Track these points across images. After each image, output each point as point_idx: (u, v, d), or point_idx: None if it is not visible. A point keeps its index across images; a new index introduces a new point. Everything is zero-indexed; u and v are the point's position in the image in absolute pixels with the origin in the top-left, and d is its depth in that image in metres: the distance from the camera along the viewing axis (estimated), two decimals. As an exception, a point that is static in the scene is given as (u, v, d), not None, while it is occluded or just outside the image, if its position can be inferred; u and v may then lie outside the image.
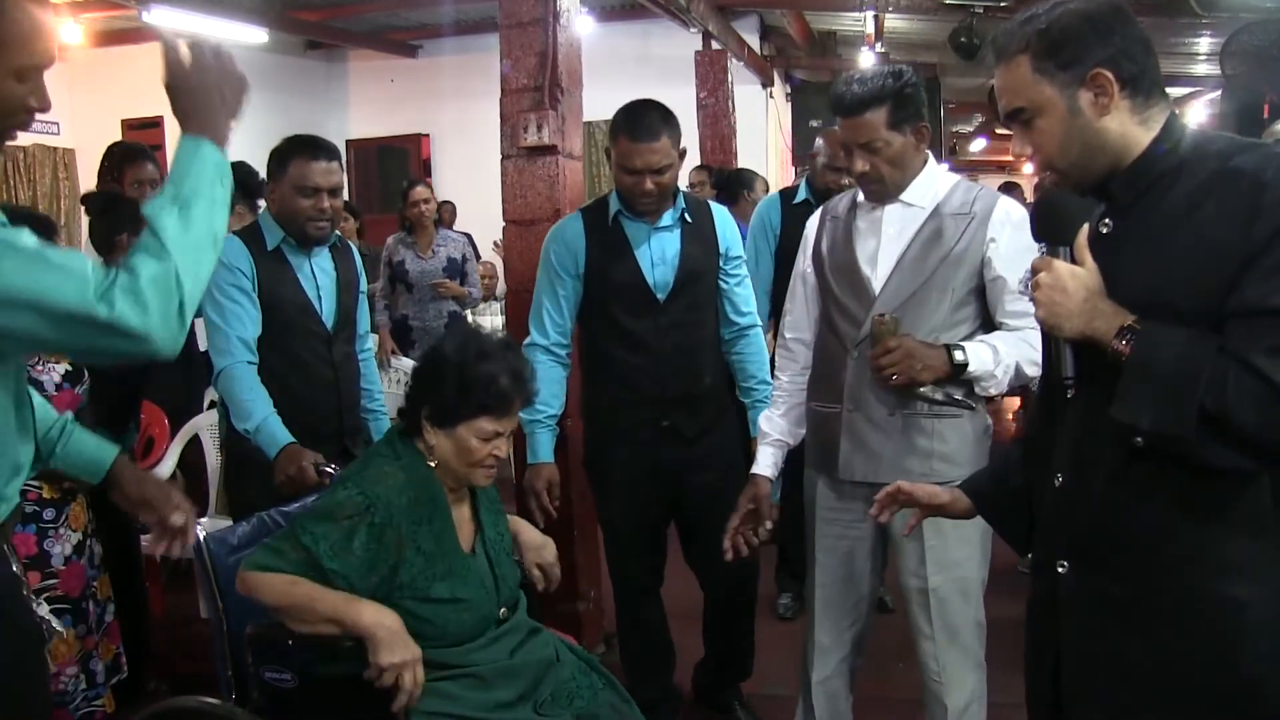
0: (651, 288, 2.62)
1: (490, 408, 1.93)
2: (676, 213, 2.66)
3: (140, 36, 8.50)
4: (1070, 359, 1.38)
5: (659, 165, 2.52)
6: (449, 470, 1.97)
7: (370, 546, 1.84)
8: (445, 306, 5.12)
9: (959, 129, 15.14)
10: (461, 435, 1.93)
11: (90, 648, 2.51)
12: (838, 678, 2.31)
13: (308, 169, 2.56)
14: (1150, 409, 1.25)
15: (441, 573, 1.91)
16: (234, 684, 2.01)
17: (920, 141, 2.14)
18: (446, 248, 5.16)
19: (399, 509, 1.88)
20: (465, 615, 1.92)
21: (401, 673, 1.77)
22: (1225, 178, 1.28)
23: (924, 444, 2.12)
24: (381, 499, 1.86)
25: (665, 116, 2.56)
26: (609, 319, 2.66)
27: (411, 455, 1.97)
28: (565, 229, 2.72)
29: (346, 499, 1.87)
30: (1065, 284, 1.35)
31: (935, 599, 2.14)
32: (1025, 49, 1.37)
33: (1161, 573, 1.34)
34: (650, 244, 2.64)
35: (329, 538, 1.83)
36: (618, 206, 2.65)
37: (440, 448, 1.96)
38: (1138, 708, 1.38)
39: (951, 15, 6.73)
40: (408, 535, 1.88)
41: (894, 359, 2.03)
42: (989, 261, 2.10)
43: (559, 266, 2.68)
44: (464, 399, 1.92)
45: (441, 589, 1.90)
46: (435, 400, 1.95)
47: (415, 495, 1.92)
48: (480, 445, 1.94)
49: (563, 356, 2.73)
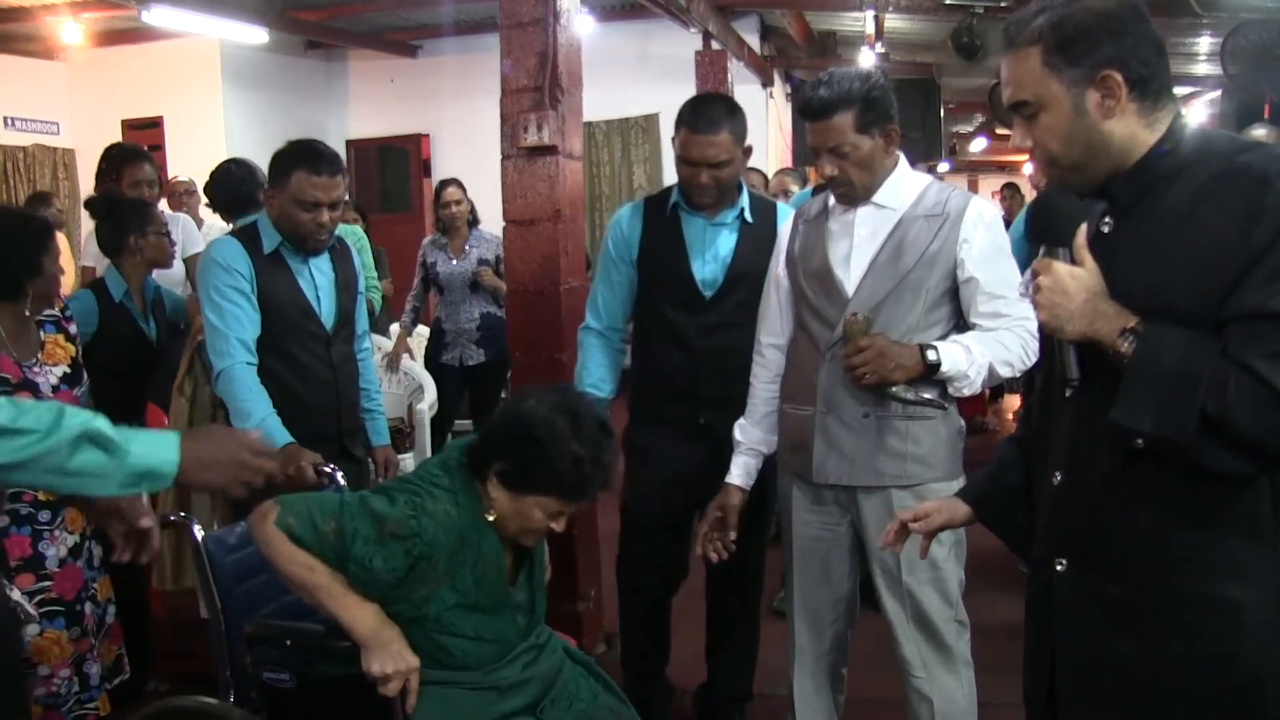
0: (699, 284, 2.60)
1: (567, 491, 1.86)
2: (737, 211, 2.62)
3: (140, 36, 8.51)
4: (1074, 360, 1.37)
5: (716, 159, 2.48)
6: (501, 526, 1.89)
7: (399, 572, 1.79)
8: (478, 309, 4.96)
9: (959, 129, 15.12)
10: (527, 504, 1.85)
11: (84, 650, 2.49)
12: (817, 678, 2.33)
13: (309, 183, 2.54)
14: (1151, 412, 1.25)
15: (472, 611, 1.86)
16: (233, 684, 2.01)
17: (889, 144, 2.12)
18: (479, 248, 5.01)
19: (442, 548, 1.81)
20: (486, 649, 1.89)
21: (391, 683, 1.76)
22: (1228, 177, 1.27)
23: (897, 446, 2.12)
24: (429, 534, 1.80)
25: (731, 110, 2.53)
26: (656, 311, 2.65)
27: (470, 500, 1.88)
28: (624, 216, 2.72)
29: (400, 517, 1.80)
30: (1066, 285, 1.34)
31: (912, 599, 2.14)
32: (1037, 41, 1.35)
33: (1158, 573, 1.34)
34: (705, 240, 2.61)
35: (367, 542, 1.78)
36: (677, 198, 2.63)
37: (500, 504, 1.87)
38: (1133, 707, 1.38)
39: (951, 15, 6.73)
40: (445, 571, 1.83)
41: (866, 358, 2.03)
42: (961, 262, 2.09)
43: (614, 252, 2.68)
44: (543, 475, 1.84)
45: (467, 626, 1.86)
46: (513, 463, 1.85)
47: (465, 537, 1.85)
48: (542, 518, 1.87)
49: (615, 341, 2.73)
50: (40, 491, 2.38)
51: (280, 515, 1.80)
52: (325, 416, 2.66)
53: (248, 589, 2.09)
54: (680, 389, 2.61)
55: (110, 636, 2.63)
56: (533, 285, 3.31)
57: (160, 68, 8.78)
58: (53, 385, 2.43)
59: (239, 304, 2.54)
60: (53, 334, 2.51)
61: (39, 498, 2.41)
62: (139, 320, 3.07)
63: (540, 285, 3.29)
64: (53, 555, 2.44)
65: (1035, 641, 1.53)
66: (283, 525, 1.79)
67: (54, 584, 2.43)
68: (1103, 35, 1.32)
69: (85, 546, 2.53)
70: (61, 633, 2.43)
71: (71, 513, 2.47)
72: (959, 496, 1.73)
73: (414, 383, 5.08)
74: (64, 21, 7.79)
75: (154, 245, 3.11)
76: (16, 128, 8.82)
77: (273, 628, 1.95)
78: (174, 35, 8.09)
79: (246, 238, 2.63)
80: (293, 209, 2.57)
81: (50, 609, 2.41)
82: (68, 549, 2.47)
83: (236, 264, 2.55)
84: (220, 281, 2.54)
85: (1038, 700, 1.52)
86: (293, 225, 2.59)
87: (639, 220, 2.67)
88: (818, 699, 2.33)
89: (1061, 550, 1.44)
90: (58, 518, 2.45)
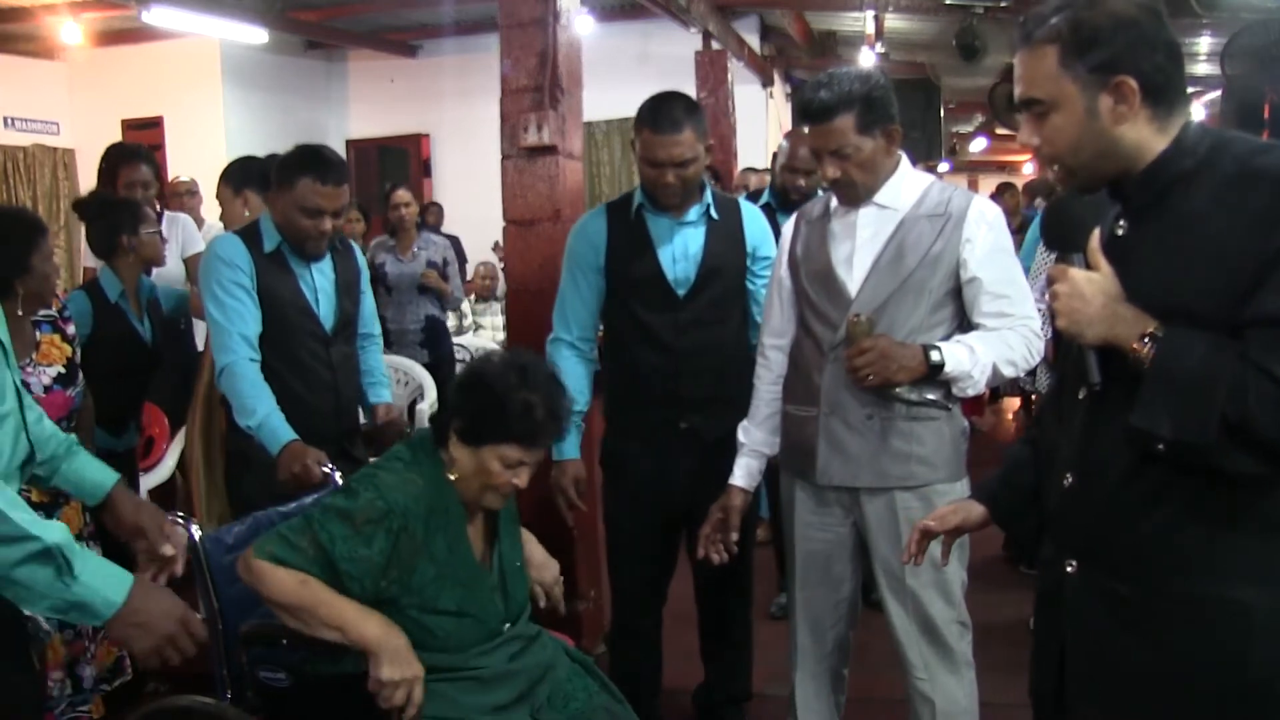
0: (671, 283, 2.58)
1: (521, 436, 1.90)
2: (702, 208, 2.62)
3: (140, 36, 8.52)
4: (1095, 364, 1.36)
5: (681, 158, 2.47)
6: (464, 486, 1.94)
7: (387, 552, 1.82)
8: (423, 310, 5.11)
9: (959, 129, 15.13)
10: (486, 456, 1.90)
11: (78, 653, 2.47)
12: (819, 680, 2.32)
13: (315, 191, 2.54)
14: (1172, 417, 1.24)
15: (451, 584, 1.89)
16: (230, 683, 2.01)
17: (891, 144, 2.11)
18: (427, 251, 5.16)
19: (415, 516, 1.86)
20: (469, 627, 1.91)
21: (398, 691, 1.75)
22: (1245, 180, 1.26)
23: (901, 447, 2.11)
24: (400, 505, 1.84)
25: (689, 108, 2.51)
26: (629, 315, 2.63)
27: (432, 464, 1.94)
28: (588, 223, 2.70)
29: (366, 503, 1.84)
30: (1083, 291, 1.33)
31: (914, 600, 2.13)
32: (1054, 40, 1.32)
33: (1169, 574, 1.33)
34: (673, 239, 2.60)
35: (346, 539, 1.81)
36: (641, 200, 2.62)
37: (462, 463, 1.92)
38: (1142, 708, 1.37)
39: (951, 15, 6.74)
40: (422, 543, 1.86)
41: (869, 359, 2.02)
42: (965, 262, 2.09)
43: (580, 261, 2.65)
44: (497, 422, 1.89)
45: (449, 600, 1.88)
46: (468, 416, 1.91)
47: (432, 504, 1.89)
48: (501, 470, 1.90)
49: (587, 352, 2.70)
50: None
51: (257, 549, 1.84)
52: (323, 417, 2.65)
53: (243, 588, 2.08)
54: (659, 392, 2.59)
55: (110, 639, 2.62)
56: (533, 285, 3.30)
57: (160, 68, 8.79)
58: (45, 385, 2.42)
59: (241, 299, 2.54)
60: (48, 334, 2.50)
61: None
62: (134, 321, 3.06)
63: (540, 285, 3.28)
64: None
65: (1043, 642, 1.53)
66: (264, 555, 1.82)
67: None
68: (1121, 40, 1.30)
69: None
70: (55, 635, 2.41)
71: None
72: (973, 497, 1.73)
73: (415, 383, 5.09)
74: (64, 21, 7.80)
75: (147, 244, 3.09)
76: (16, 128, 8.83)
77: (268, 627, 1.95)
78: (174, 35, 8.10)
79: (248, 235, 2.63)
80: (295, 214, 2.56)
81: None
82: None
83: (238, 259, 2.55)
84: (223, 276, 2.54)
85: (1045, 700, 1.51)
86: (294, 230, 2.59)
87: (603, 225, 2.65)
88: (819, 701, 2.33)
89: (1071, 551, 1.43)
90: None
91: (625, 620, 2.83)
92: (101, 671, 2.54)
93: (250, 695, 1.96)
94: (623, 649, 2.87)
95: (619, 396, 2.72)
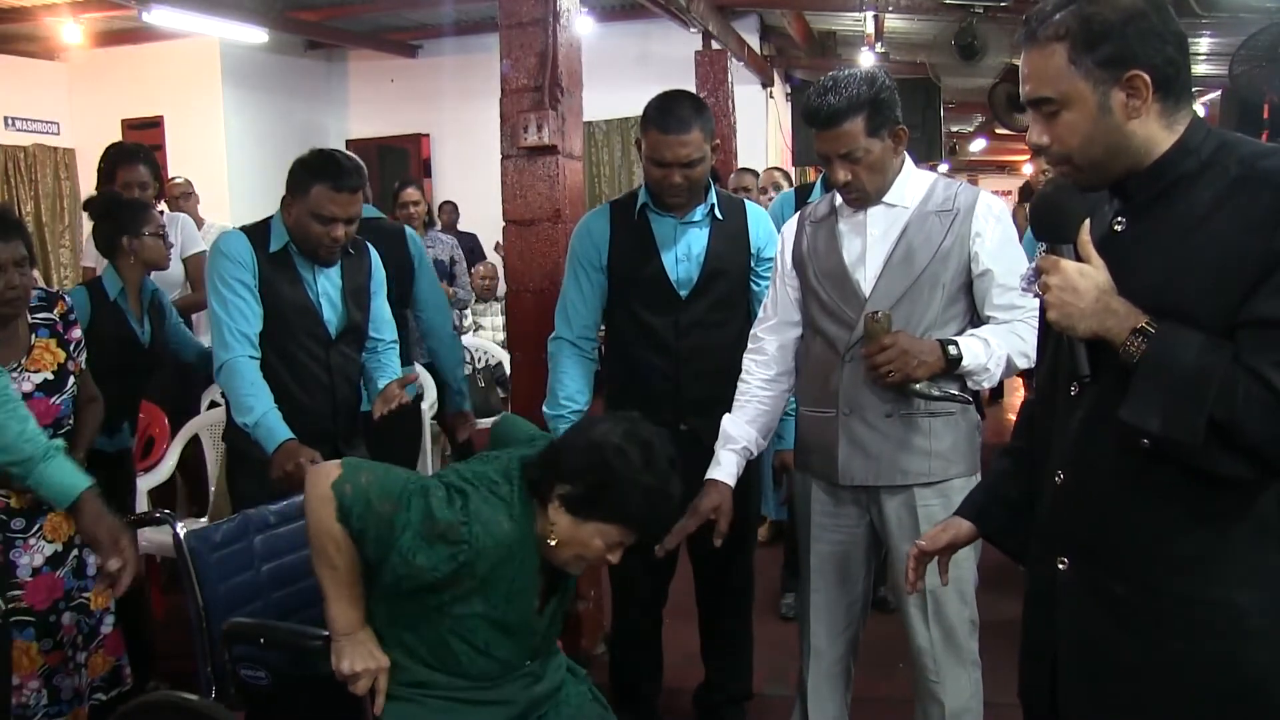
0: (674, 284, 2.57)
1: (633, 521, 1.81)
2: (707, 208, 2.60)
3: (140, 36, 8.52)
4: (1085, 357, 1.35)
5: (689, 158, 2.46)
6: (554, 551, 1.84)
7: (438, 571, 1.74)
8: None
9: (959, 129, 15.12)
10: (589, 531, 1.80)
11: (56, 663, 2.40)
12: (833, 680, 2.31)
13: (329, 199, 2.52)
14: (1160, 413, 1.23)
15: (495, 628, 1.82)
16: (214, 681, 2.01)
17: (898, 144, 2.11)
18: (435, 249, 5.12)
19: (486, 559, 1.76)
20: (493, 665, 1.86)
21: (360, 681, 1.76)
22: (1249, 182, 1.25)
23: (921, 443, 2.11)
24: (479, 543, 1.74)
25: (697, 108, 2.50)
26: (630, 314, 2.62)
27: (527, 517, 1.82)
28: (591, 222, 2.68)
29: (453, 522, 1.73)
30: (1075, 283, 1.32)
31: (933, 600, 2.13)
32: (1062, 37, 1.30)
33: (1162, 574, 1.33)
34: (676, 239, 2.58)
35: (416, 534, 1.73)
36: (645, 199, 2.60)
37: (560, 529, 1.81)
38: (1135, 707, 1.37)
39: (951, 15, 6.74)
40: (479, 584, 1.78)
41: (889, 356, 2.02)
42: (976, 256, 2.09)
43: (583, 259, 2.64)
44: (614, 503, 1.78)
45: (484, 638, 1.82)
46: (581, 488, 1.79)
47: (510, 553, 1.79)
48: (601, 548, 1.82)
49: (588, 351, 2.68)
50: (14, 499, 2.33)
51: (339, 480, 1.75)
52: (319, 417, 2.65)
53: (231, 586, 2.08)
54: (661, 393, 2.58)
55: (107, 647, 2.54)
56: (533, 285, 3.30)
57: (160, 68, 8.79)
58: (25, 392, 2.34)
59: (243, 296, 2.53)
60: (45, 338, 2.45)
61: (11, 505, 2.34)
62: (131, 321, 3.04)
63: (540, 285, 3.28)
64: (25, 564, 2.35)
65: (1034, 641, 1.52)
66: (338, 491, 1.74)
67: (25, 594, 2.34)
68: (1131, 33, 1.28)
69: (70, 555, 2.44)
70: (31, 644, 2.34)
71: (53, 521, 2.39)
72: (959, 513, 1.71)
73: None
74: (64, 21, 7.80)
75: (149, 246, 3.08)
76: (17, 128, 8.83)
77: (247, 625, 1.95)
78: (174, 35, 8.10)
79: (254, 233, 2.63)
80: (308, 220, 2.55)
81: (20, 619, 2.32)
82: (45, 558, 2.38)
83: (242, 256, 2.55)
84: (226, 272, 2.53)
85: (1037, 699, 1.51)
86: (305, 235, 2.57)
87: (606, 224, 2.64)
88: (832, 702, 2.32)
89: (1063, 549, 1.43)
90: (34, 526, 2.37)
91: (625, 620, 2.83)
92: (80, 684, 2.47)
93: (232, 693, 1.97)
94: (623, 649, 2.87)
95: (619, 397, 2.71)
